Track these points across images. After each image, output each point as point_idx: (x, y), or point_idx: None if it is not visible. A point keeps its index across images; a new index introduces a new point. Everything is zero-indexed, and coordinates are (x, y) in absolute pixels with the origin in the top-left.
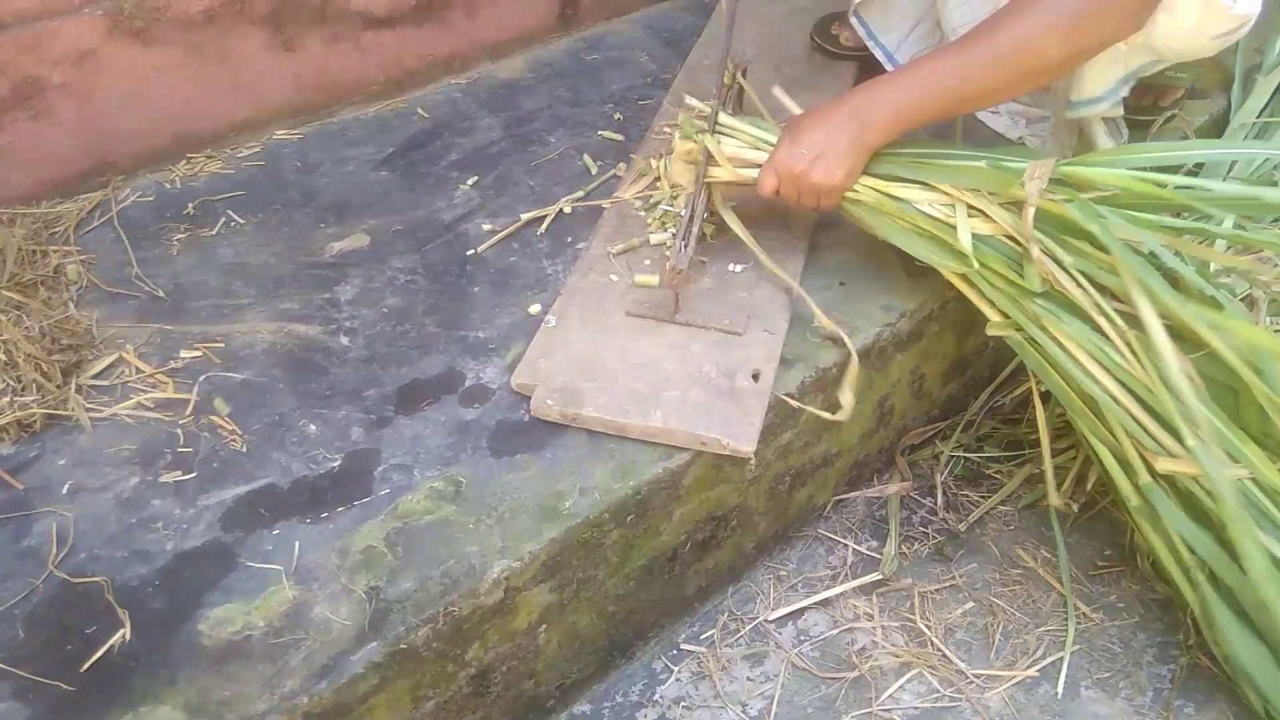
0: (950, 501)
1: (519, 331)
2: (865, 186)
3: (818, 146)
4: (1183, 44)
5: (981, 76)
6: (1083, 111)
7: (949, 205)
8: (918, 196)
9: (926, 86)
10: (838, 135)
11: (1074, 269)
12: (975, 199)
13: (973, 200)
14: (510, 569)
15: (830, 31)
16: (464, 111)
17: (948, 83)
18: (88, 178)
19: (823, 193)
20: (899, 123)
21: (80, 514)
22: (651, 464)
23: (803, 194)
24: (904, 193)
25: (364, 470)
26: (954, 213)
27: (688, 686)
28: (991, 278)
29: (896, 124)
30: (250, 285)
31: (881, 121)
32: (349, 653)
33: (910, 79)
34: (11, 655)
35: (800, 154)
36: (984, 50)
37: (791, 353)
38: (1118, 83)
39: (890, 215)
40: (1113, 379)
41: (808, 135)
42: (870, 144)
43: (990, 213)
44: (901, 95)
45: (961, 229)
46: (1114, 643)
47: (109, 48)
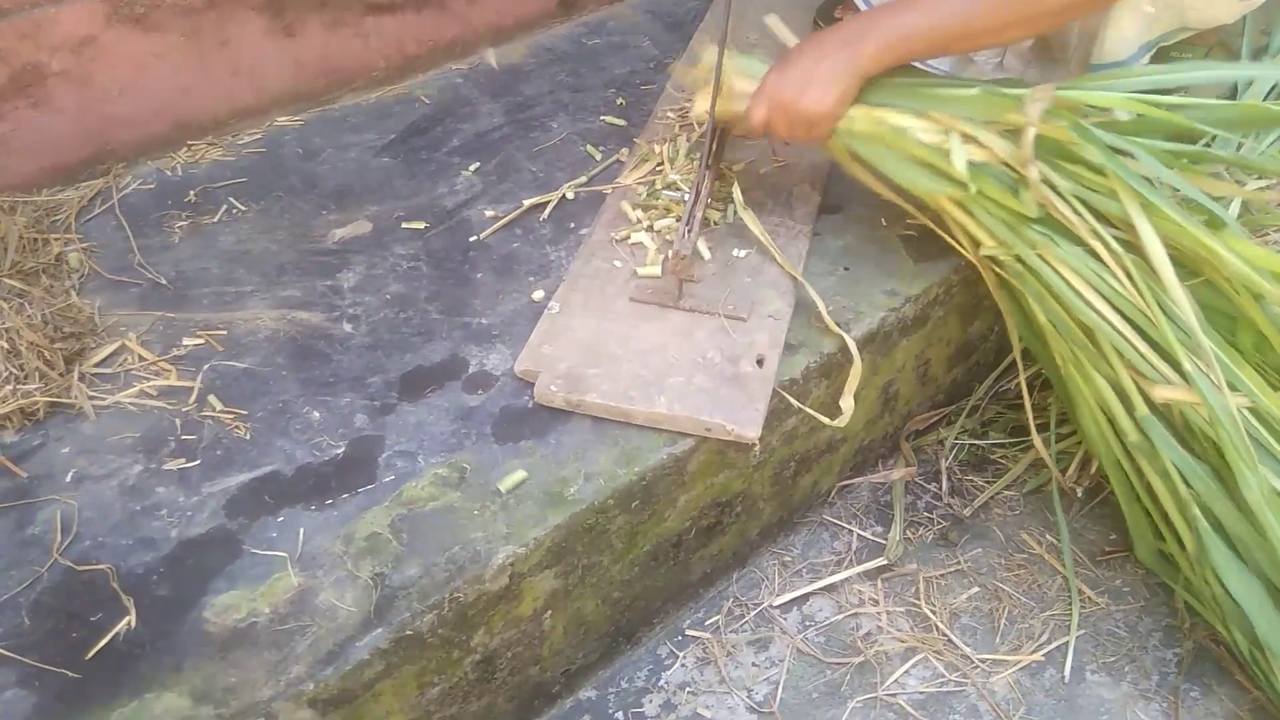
0: (955, 487)
1: (522, 318)
2: (858, 114)
3: (809, 72)
4: (1209, 9)
5: (985, 13)
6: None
7: (943, 133)
8: (911, 124)
9: (927, 16)
10: (830, 59)
11: (1071, 195)
12: (971, 126)
13: (967, 128)
14: (515, 555)
15: (833, 15)
16: (466, 97)
17: (949, 15)
18: (88, 165)
19: (813, 121)
20: (894, 51)
21: (84, 502)
22: (656, 450)
23: (793, 124)
24: (898, 120)
25: (368, 457)
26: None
27: (693, 672)
28: (988, 205)
29: (892, 52)
30: (252, 272)
31: (875, 47)
32: (354, 639)
33: (911, 6)
34: (17, 643)
35: (791, 79)
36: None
37: (796, 338)
38: (1140, 49)
39: (884, 144)
40: (1110, 306)
41: (799, 60)
42: (863, 69)
43: (985, 140)
44: (901, 21)
45: (956, 155)
46: (1119, 627)
47: (108, 34)
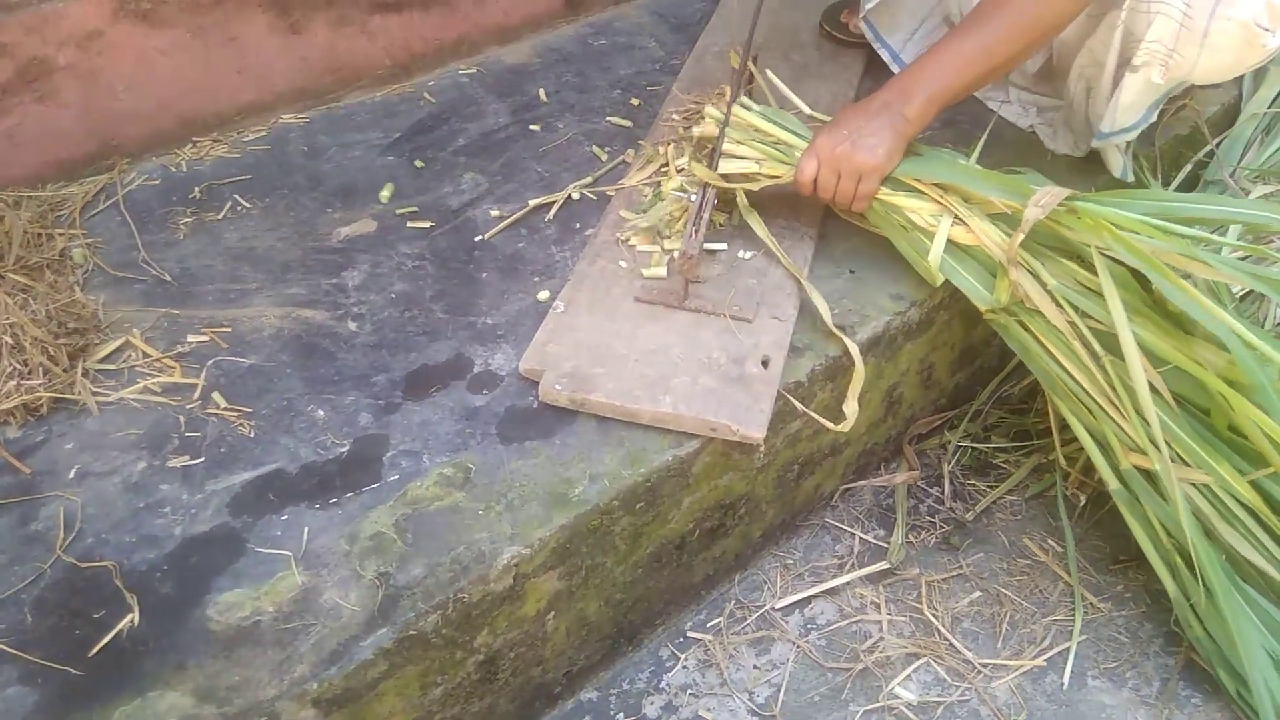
0: (958, 491)
1: (527, 317)
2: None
3: (859, 130)
4: (1212, 74)
5: (1003, 48)
6: (1114, 140)
7: (938, 215)
8: (906, 203)
9: (952, 70)
10: (877, 119)
11: (1056, 290)
12: (966, 209)
13: (962, 212)
14: (520, 556)
15: (839, 19)
16: (471, 97)
17: (972, 62)
18: (93, 160)
19: (865, 173)
20: (930, 109)
21: (87, 498)
22: (661, 451)
23: (844, 176)
24: (893, 198)
25: (373, 456)
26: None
27: (694, 674)
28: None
29: (929, 110)
30: (257, 270)
31: (915, 110)
32: (358, 639)
33: (936, 66)
34: (20, 640)
35: (842, 135)
36: (1001, 21)
37: (801, 340)
38: (1148, 110)
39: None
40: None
41: (848, 120)
42: (906, 133)
43: (975, 226)
44: (930, 82)
45: (936, 244)
46: (1121, 633)
47: (115, 29)
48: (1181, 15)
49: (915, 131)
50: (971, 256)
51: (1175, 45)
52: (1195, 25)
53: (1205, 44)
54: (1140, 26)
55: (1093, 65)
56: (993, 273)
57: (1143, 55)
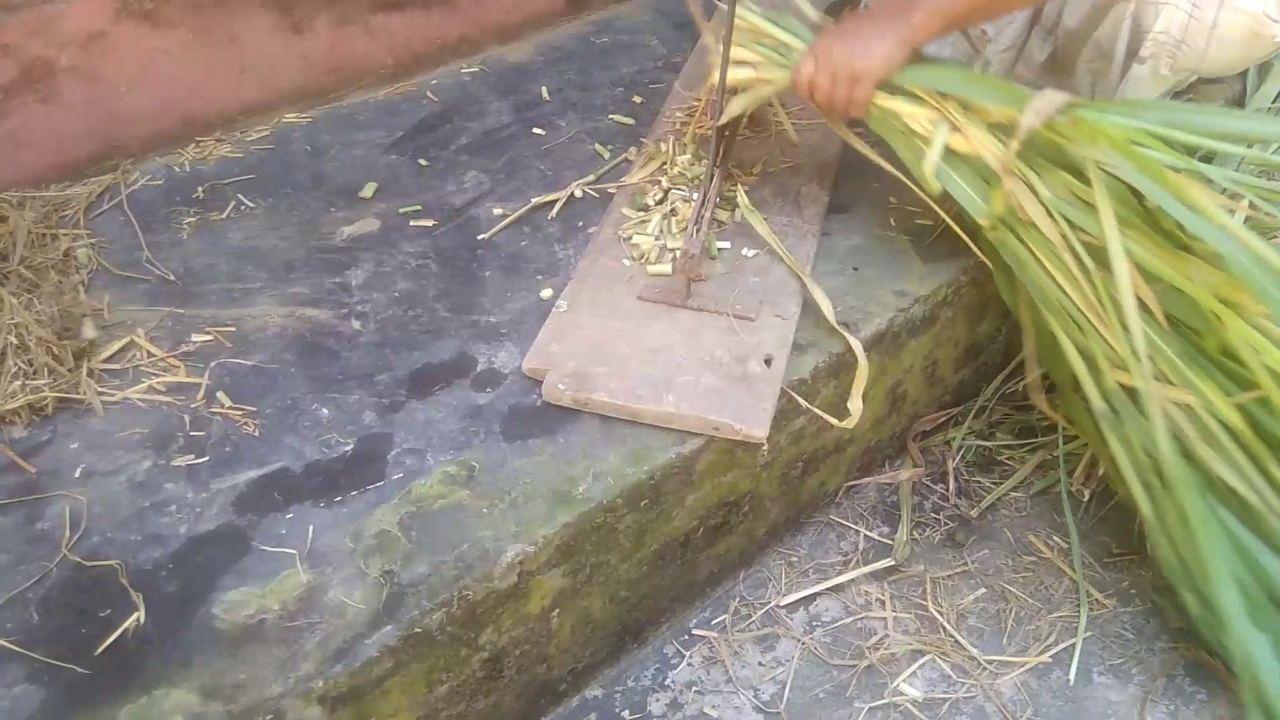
0: (962, 488)
1: (530, 316)
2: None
3: (857, 33)
4: (1220, 66)
5: None
6: None
7: (934, 121)
8: (903, 108)
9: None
10: (879, 24)
11: (1048, 202)
12: (962, 117)
13: (958, 117)
14: (524, 553)
15: (843, 15)
16: (473, 95)
17: None
18: (97, 161)
19: (859, 75)
20: (939, 20)
21: (93, 497)
22: (665, 449)
23: (838, 79)
24: (889, 103)
25: (377, 454)
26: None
27: (699, 671)
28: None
29: (938, 18)
30: (261, 269)
31: (922, 18)
32: (363, 636)
33: None
34: (26, 638)
35: (841, 38)
36: None
37: (804, 338)
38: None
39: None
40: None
41: (849, 25)
42: (908, 40)
43: (971, 134)
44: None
45: (932, 152)
46: (1127, 629)
47: (117, 30)
48: (1190, 6)
49: (919, 40)
50: (970, 166)
51: (1183, 37)
52: (1204, 17)
53: (1214, 36)
54: (1148, 18)
55: (1100, 58)
56: (990, 183)
57: (1150, 47)
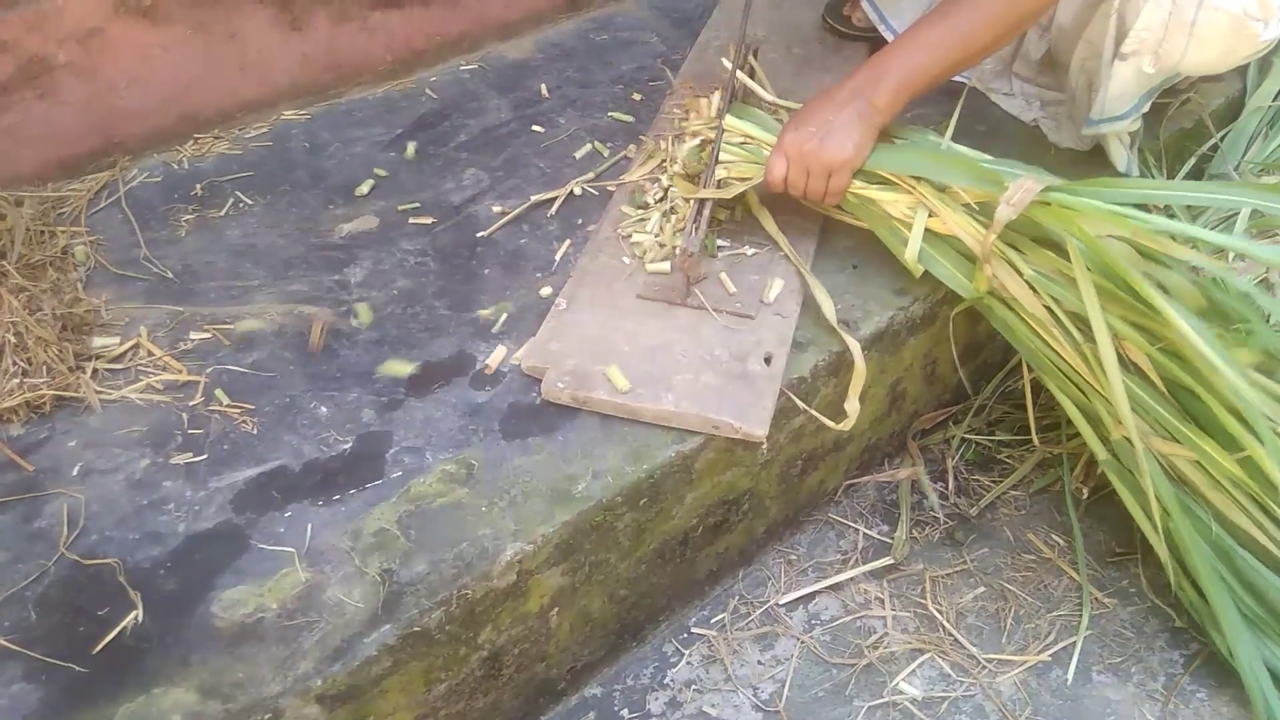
0: (962, 486)
1: (530, 314)
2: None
3: (825, 125)
4: (1202, 66)
5: (979, 35)
6: (1103, 129)
7: (913, 207)
8: (882, 196)
9: (926, 56)
10: (844, 111)
11: (1033, 280)
12: (941, 202)
13: (937, 205)
14: (523, 552)
15: (841, 12)
16: (473, 92)
17: (946, 48)
18: (95, 158)
19: (834, 169)
20: (902, 95)
21: (91, 495)
22: (664, 447)
23: (813, 174)
24: (869, 193)
25: (376, 453)
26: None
27: (698, 670)
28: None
29: (900, 97)
30: (259, 267)
31: (885, 98)
32: (362, 635)
33: (909, 51)
34: (24, 637)
35: (809, 132)
36: (977, 8)
37: (804, 336)
38: (1140, 99)
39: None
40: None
41: (815, 113)
42: (876, 122)
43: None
44: (902, 68)
45: (914, 239)
46: (1126, 628)
47: (115, 26)
48: (1170, 3)
49: (885, 120)
50: (950, 245)
51: (1164, 34)
52: (1183, 15)
53: (1193, 34)
54: (1131, 14)
55: (1092, 57)
56: (972, 260)
57: (1132, 43)
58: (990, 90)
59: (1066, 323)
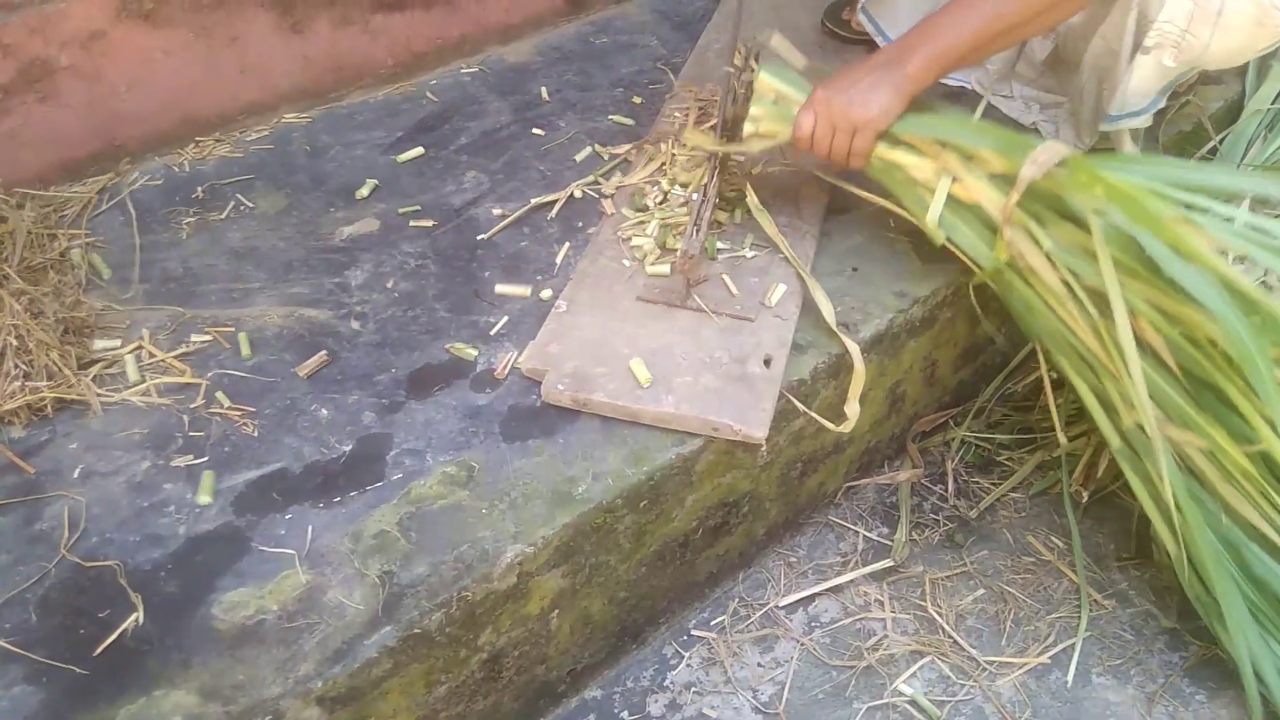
0: (961, 488)
1: (530, 316)
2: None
3: (856, 83)
4: (1225, 57)
5: (1014, 12)
6: (1121, 124)
7: (937, 172)
8: (906, 160)
9: (959, 30)
10: (876, 74)
11: (1051, 252)
12: (964, 167)
13: (960, 170)
14: (523, 554)
15: (841, 16)
16: (473, 96)
17: (981, 24)
18: (96, 161)
19: (860, 126)
20: (932, 66)
21: (92, 498)
22: (664, 450)
23: (839, 130)
24: (891, 154)
25: (376, 455)
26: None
27: (698, 672)
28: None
29: (930, 68)
30: (260, 269)
31: (917, 66)
32: (363, 637)
33: (943, 24)
34: (24, 639)
35: (838, 88)
36: None
37: (804, 338)
38: (1158, 93)
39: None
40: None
41: (846, 74)
42: (905, 90)
43: (972, 185)
44: (935, 40)
45: (935, 203)
46: (1126, 630)
47: (117, 29)
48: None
49: (916, 89)
50: (973, 214)
51: (1188, 25)
52: (1209, 4)
53: (1219, 24)
54: (1154, 7)
55: (1107, 54)
56: (994, 231)
57: (1154, 37)
58: (990, 94)
59: (1084, 299)
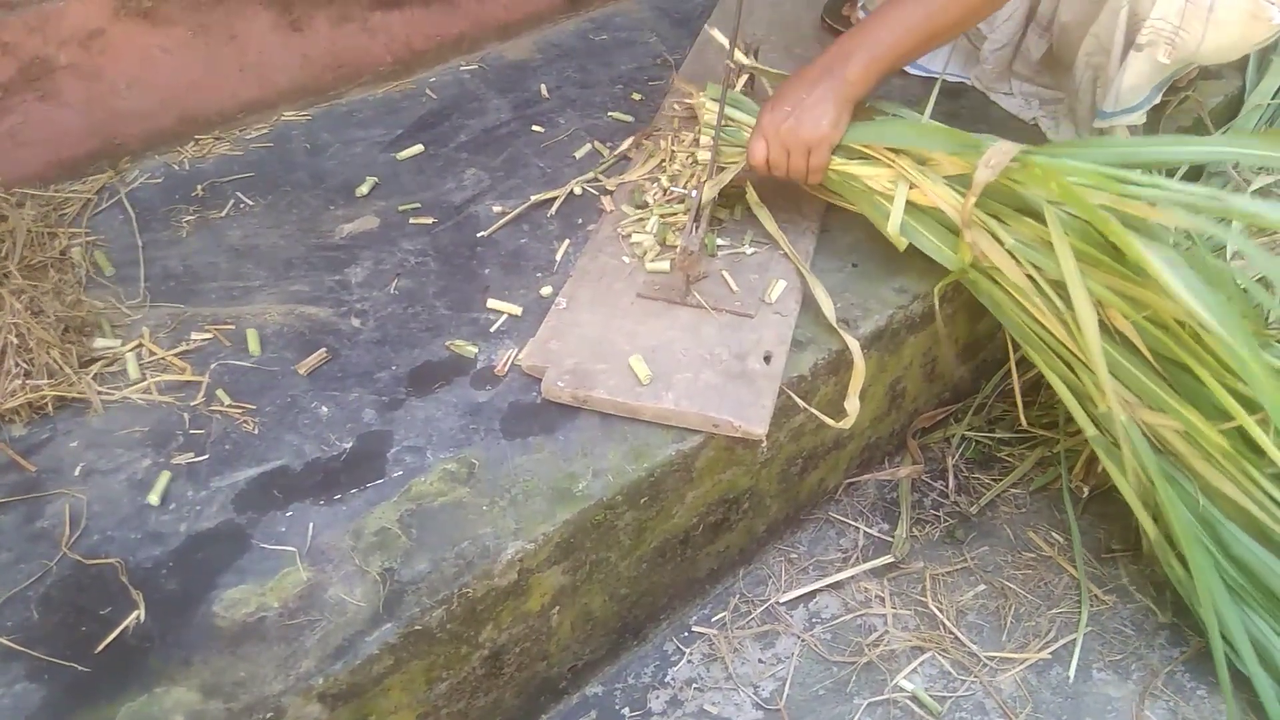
0: (962, 484)
1: (530, 313)
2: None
3: (800, 102)
4: (1218, 53)
5: (948, 12)
6: (1115, 121)
7: (894, 180)
8: (863, 171)
9: (895, 32)
10: (820, 87)
11: (1014, 249)
12: (921, 174)
13: (917, 178)
14: (524, 550)
15: (841, 12)
16: (473, 93)
17: (916, 26)
18: (96, 159)
19: (813, 144)
20: (876, 66)
21: (93, 495)
22: (664, 446)
23: (793, 152)
24: (849, 168)
25: (377, 452)
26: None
27: (699, 668)
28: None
29: (874, 67)
30: (260, 267)
31: (856, 72)
32: (364, 634)
33: (879, 26)
34: (26, 636)
35: (784, 111)
36: None
37: (804, 334)
38: (1153, 90)
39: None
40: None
41: (789, 94)
42: (849, 95)
43: (929, 189)
44: (872, 43)
45: (895, 212)
46: (1126, 625)
47: (116, 28)
48: None
49: (859, 94)
50: (934, 218)
51: (1181, 22)
52: (1201, 1)
53: (1211, 20)
54: (1145, 5)
55: (1099, 52)
56: (956, 233)
57: (1148, 34)
58: (990, 90)
59: (1049, 291)
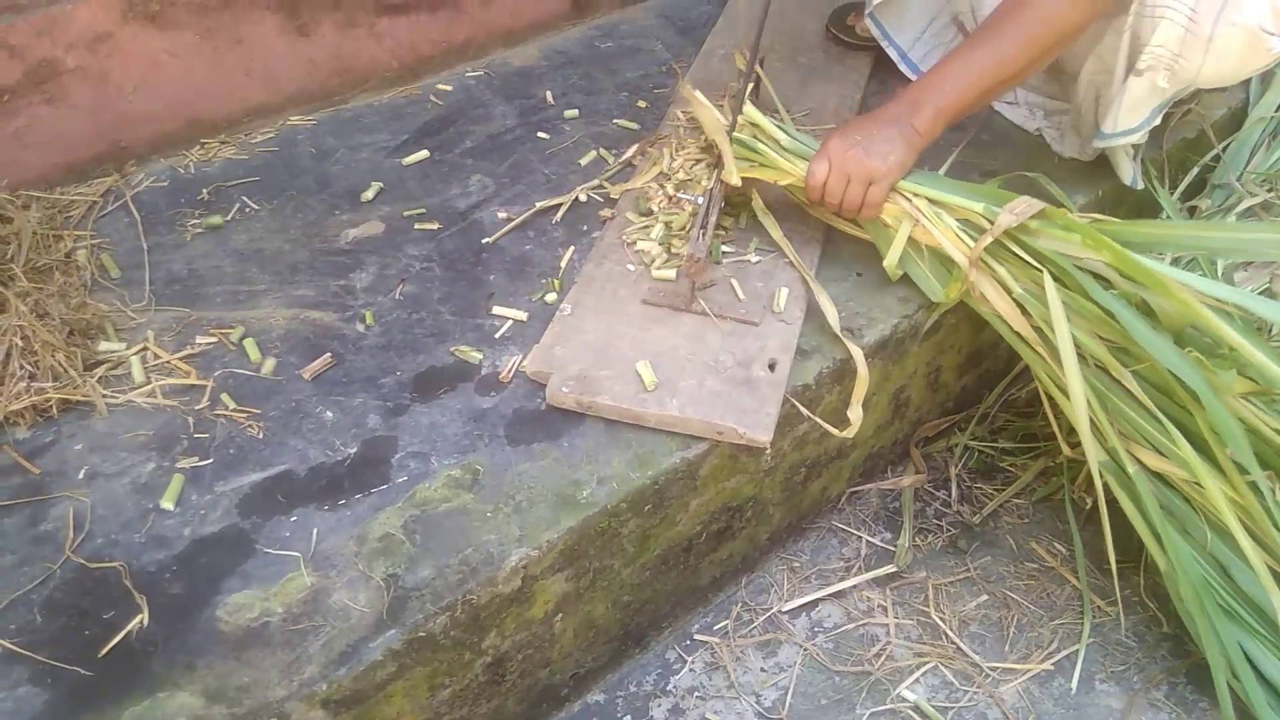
0: (965, 494)
1: (535, 320)
2: None
3: (871, 136)
4: (1217, 78)
5: (1014, 60)
6: (1114, 142)
7: (900, 218)
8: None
9: (962, 83)
10: (889, 129)
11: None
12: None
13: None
14: (528, 558)
15: (846, 22)
16: (478, 99)
17: (983, 75)
18: (102, 162)
19: (875, 178)
20: (940, 121)
21: (97, 499)
22: (669, 454)
23: (853, 179)
24: None
25: (381, 458)
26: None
27: (701, 676)
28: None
29: (939, 122)
30: (265, 272)
31: (925, 124)
32: (368, 640)
33: (946, 78)
34: (29, 640)
35: (854, 139)
36: (1013, 34)
37: (809, 343)
38: (1152, 113)
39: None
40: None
41: (860, 127)
42: (917, 144)
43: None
44: (940, 96)
45: (894, 250)
46: (1128, 636)
47: (124, 31)
48: (1187, 20)
49: (925, 144)
50: (934, 255)
51: (1180, 50)
52: (1200, 30)
53: (1210, 49)
54: (1146, 31)
55: (1102, 72)
56: (948, 270)
57: (1147, 59)
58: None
59: (1048, 333)
